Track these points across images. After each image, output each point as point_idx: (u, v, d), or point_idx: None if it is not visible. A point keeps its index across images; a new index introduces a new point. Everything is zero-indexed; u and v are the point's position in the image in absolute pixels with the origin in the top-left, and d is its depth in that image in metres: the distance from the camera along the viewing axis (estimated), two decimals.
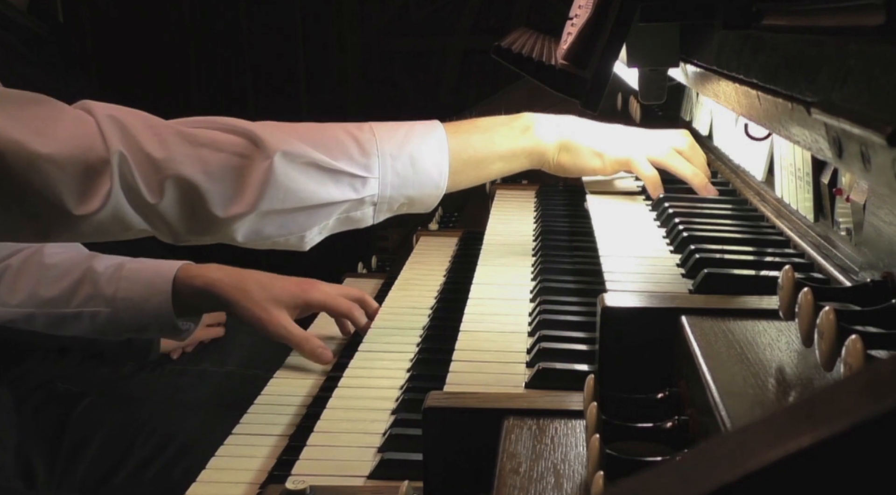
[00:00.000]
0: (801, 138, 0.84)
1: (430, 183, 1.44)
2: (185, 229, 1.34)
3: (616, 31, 1.27)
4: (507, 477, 0.77)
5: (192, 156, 1.30)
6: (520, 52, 1.84)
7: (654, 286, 1.15)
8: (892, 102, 0.64)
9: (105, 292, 1.74)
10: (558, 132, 1.58)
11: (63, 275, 1.76)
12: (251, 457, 1.26)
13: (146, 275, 1.74)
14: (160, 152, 1.29)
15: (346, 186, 1.38)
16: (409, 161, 1.42)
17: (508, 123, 1.55)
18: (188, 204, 1.31)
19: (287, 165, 1.33)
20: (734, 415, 0.70)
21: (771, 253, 1.24)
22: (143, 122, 1.31)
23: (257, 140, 1.33)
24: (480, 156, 1.50)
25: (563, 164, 1.60)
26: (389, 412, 1.29)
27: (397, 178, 1.41)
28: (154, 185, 1.29)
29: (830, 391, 0.42)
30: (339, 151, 1.38)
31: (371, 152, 1.39)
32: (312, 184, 1.35)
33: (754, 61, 0.99)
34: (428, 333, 1.54)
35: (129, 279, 1.74)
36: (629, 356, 0.97)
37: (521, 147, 1.55)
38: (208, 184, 1.31)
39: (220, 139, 1.33)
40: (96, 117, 1.28)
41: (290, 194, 1.34)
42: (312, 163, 1.35)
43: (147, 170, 1.29)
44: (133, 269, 1.75)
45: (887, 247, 0.85)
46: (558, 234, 1.73)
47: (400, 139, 1.42)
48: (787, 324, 0.88)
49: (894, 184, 0.63)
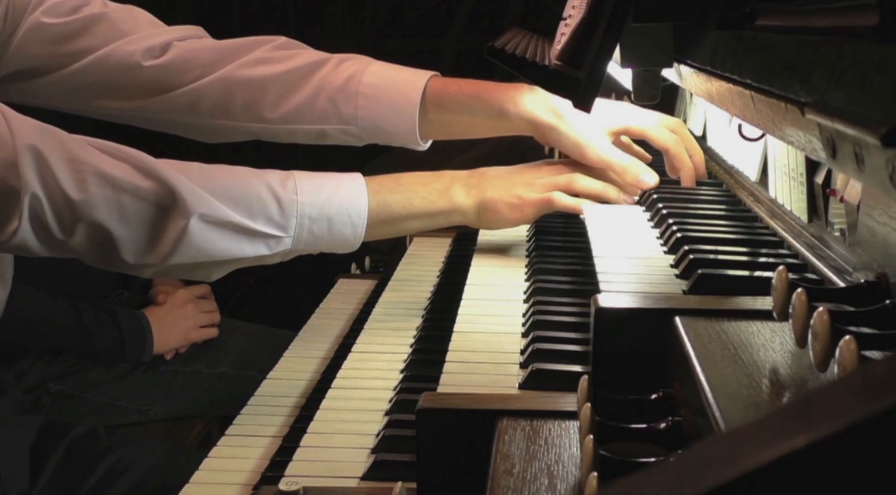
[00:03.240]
0: (794, 139, 0.84)
1: (344, 243, 1.45)
2: (92, 262, 1.36)
3: (610, 32, 1.27)
4: (501, 478, 0.77)
5: (111, 202, 1.28)
6: (513, 52, 1.84)
7: (648, 287, 1.14)
8: (886, 103, 0.64)
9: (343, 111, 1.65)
10: (477, 194, 1.55)
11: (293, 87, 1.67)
12: (244, 459, 1.25)
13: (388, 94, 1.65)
14: (78, 194, 1.26)
15: (260, 244, 1.38)
16: (326, 223, 1.41)
17: (429, 184, 1.53)
18: (99, 246, 1.31)
19: (203, 227, 1.32)
20: (728, 416, 0.70)
21: (765, 253, 1.25)
22: (64, 156, 1.27)
23: (176, 195, 1.31)
24: (397, 216, 1.50)
25: (486, 223, 1.59)
26: (383, 413, 1.29)
27: (312, 238, 1.41)
28: (67, 225, 1.28)
29: (824, 392, 0.42)
30: (259, 211, 1.37)
31: (290, 214, 1.38)
32: (226, 243, 1.35)
33: (748, 62, 0.99)
34: (421, 334, 1.54)
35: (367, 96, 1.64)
36: (623, 357, 0.97)
37: (439, 209, 1.53)
38: (123, 232, 1.30)
39: (141, 186, 1.31)
40: (16, 146, 1.24)
41: (202, 252, 1.34)
42: (229, 224, 1.34)
43: (62, 209, 1.27)
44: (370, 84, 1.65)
45: (881, 247, 0.85)
46: (552, 235, 1.73)
47: (321, 202, 1.41)
48: (781, 325, 0.87)
49: (888, 185, 0.63)
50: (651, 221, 1.47)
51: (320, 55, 1.69)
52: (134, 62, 1.64)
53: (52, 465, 1.76)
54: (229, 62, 1.66)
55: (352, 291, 1.91)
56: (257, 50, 1.67)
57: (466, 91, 1.65)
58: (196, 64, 1.66)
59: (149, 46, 1.65)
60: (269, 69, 1.65)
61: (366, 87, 1.64)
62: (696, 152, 1.67)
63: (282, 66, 1.66)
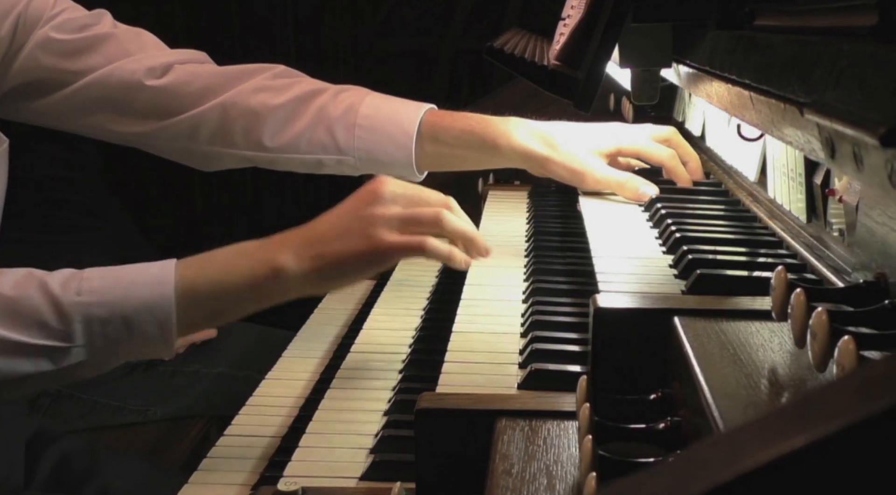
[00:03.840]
0: (793, 139, 0.84)
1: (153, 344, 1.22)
2: None
3: (608, 32, 1.27)
4: (500, 478, 0.77)
5: None
6: (512, 52, 1.84)
7: (647, 287, 1.14)
8: (885, 103, 0.64)
9: (339, 140, 1.65)
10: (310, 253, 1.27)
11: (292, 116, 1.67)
12: (242, 459, 1.25)
13: (384, 124, 1.65)
14: None
15: (40, 359, 1.19)
16: (122, 324, 1.20)
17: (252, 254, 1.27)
18: None
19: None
20: (727, 416, 0.70)
21: (764, 253, 1.24)
22: None
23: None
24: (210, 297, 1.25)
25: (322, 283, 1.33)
26: (382, 413, 1.29)
27: (110, 344, 1.21)
28: None
29: (823, 392, 0.42)
30: (29, 319, 1.18)
31: (72, 319, 1.18)
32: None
33: (747, 62, 0.99)
34: (420, 334, 1.54)
35: (364, 127, 1.64)
36: (622, 357, 0.97)
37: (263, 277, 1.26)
38: None
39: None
40: None
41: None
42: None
43: None
44: (367, 115, 1.65)
45: (880, 247, 0.85)
46: (551, 235, 1.73)
47: (114, 300, 1.20)
48: (779, 325, 0.87)
49: (887, 185, 0.63)
50: (650, 221, 1.47)
51: (318, 84, 1.70)
52: (136, 81, 1.64)
53: (43, 473, 1.75)
54: (229, 88, 1.66)
55: (350, 291, 1.91)
56: (257, 77, 1.68)
57: (460, 125, 1.66)
58: (195, 86, 1.66)
59: (151, 66, 1.65)
60: (269, 98, 1.66)
61: (363, 118, 1.65)
62: (692, 158, 1.69)
63: (281, 95, 1.67)
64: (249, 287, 1.24)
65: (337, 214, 1.29)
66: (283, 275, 1.24)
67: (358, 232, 1.26)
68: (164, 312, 1.20)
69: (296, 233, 1.27)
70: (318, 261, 1.25)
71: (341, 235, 1.26)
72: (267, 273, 1.24)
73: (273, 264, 1.24)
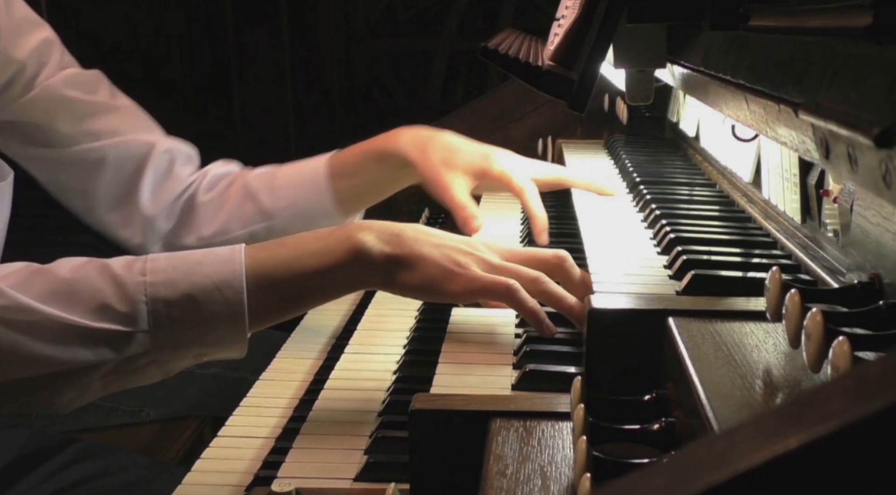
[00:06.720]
0: (788, 139, 0.84)
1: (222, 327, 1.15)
2: None
3: (603, 32, 1.27)
4: (494, 479, 0.77)
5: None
6: (507, 52, 1.84)
7: (641, 287, 1.14)
8: (880, 103, 0.64)
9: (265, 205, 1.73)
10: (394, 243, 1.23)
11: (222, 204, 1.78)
12: (236, 460, 1.25)
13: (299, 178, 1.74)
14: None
15: (100, 346, 1.10)
16: (189, 304, 1.12)
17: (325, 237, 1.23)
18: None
19: None
20: (721, 417, 0.70)
21: (758, 254, 1.25)
22: None
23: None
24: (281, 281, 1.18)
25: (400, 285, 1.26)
26: (376, 414, 1.29)
27: (176, 329, 1.13)
28: None
29: (818, 393, 0.42)
30: (89, 300, 1.09)
31: (137, 299, 1.10)
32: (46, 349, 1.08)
33: (741, 62, 0.99)
34: (415, 335, 1.54)
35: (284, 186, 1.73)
36: (616, 358, 0.97)
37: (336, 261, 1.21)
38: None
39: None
40: None
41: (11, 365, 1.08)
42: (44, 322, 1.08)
43: None
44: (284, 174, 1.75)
45: (874, 248, 0.85)
46: None
47: (179, 278, 1.13)
48: (774, 326, 0.88)
49: (881, 186, 0.63)
50: (644, 222, 1.47)
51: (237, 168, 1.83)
52: None
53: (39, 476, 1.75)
54: None
55: None
56: None
57: (358, 150, 1.71)
58: None
59: None
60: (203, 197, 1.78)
61: (281, 178, 1.75)
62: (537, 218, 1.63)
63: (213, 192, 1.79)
64: (327, 268, 1.18)
65: (434, 231, 1.25)
66: (362, 253, 1.18)
67: (450, 248, 1.22)
68: (233, 291, 1.13)
69: (376, 221, 1.24)
70: (399, 249, 1.19)
71: (431, 243, 1.22)
72: (346, 251, 1.18)
73: (352, 241, 1.18)
